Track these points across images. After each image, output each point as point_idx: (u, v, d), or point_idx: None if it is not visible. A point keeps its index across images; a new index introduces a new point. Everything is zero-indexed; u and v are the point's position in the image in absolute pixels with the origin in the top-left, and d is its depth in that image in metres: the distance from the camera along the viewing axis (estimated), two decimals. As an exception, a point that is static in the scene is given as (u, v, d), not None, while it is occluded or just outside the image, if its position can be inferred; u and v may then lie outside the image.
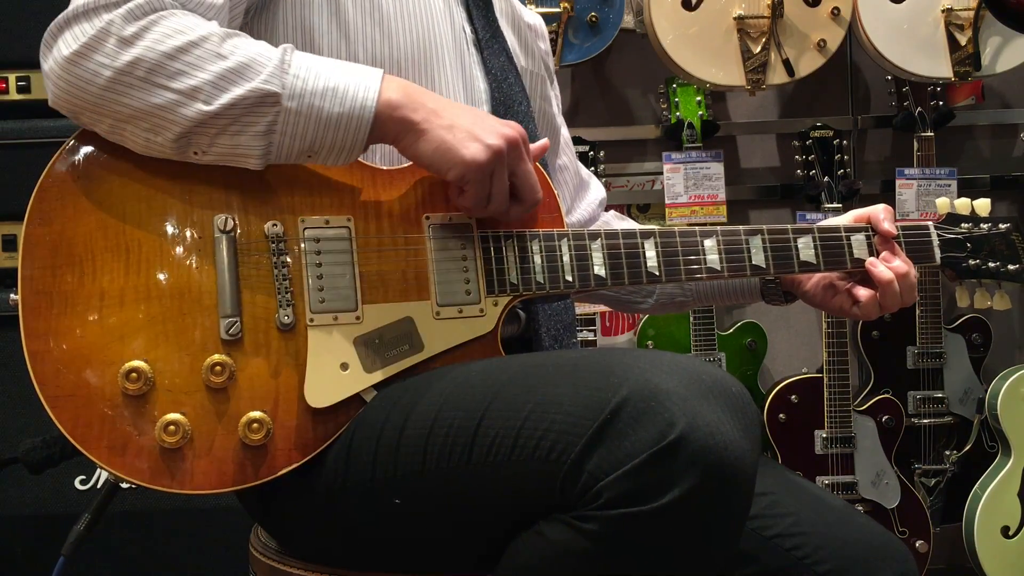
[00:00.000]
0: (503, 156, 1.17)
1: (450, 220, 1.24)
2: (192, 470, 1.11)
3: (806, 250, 1.35)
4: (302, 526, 1.22)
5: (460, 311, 1.22)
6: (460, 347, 1.21)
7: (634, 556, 0.97)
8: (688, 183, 2.83)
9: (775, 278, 1.47)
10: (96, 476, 2.22)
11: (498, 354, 1.23)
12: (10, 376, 2.20)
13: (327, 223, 1.19)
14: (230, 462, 1.12)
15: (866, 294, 1.37)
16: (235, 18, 1.22)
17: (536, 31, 1.62)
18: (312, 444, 1.15)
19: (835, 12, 2.67)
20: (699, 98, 2.86)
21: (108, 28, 1.09)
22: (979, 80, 2.91)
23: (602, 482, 0.96)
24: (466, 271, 1.23)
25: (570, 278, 1.26)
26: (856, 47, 2.97)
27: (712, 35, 2.66)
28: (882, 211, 1.39)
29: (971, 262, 1.44)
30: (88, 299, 1.11)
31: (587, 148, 2.84)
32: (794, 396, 2.77)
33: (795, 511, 1.26)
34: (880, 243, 1.38)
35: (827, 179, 2.80)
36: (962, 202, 1.47)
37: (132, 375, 1.09)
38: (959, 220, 1.46)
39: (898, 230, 1.39)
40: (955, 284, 1.50)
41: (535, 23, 1.63)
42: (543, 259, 1.25)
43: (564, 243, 1.26)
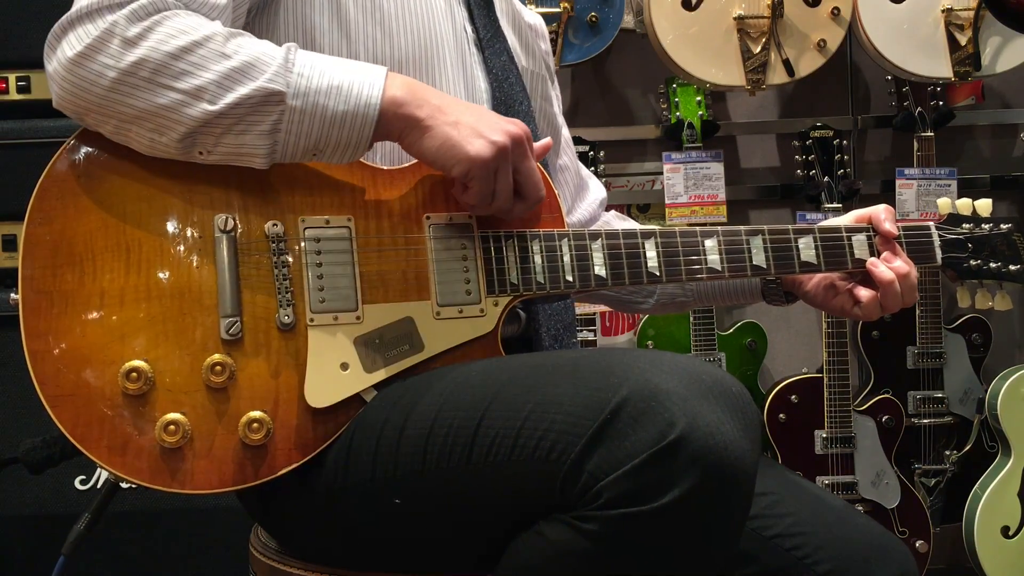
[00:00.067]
0: (507, 153, 1.17)
1: (451, 220, 1.23)
2: (192, 470, 1.11)
3: (807, 250, 1.35)
4: (302, 526, 1.22)
5: (460, 311, 1.22)
6: (460, 347, 1.21)
7: (634, 556, 0.97)
8: (688, 183, 2.83)
9: (776, 278, 1.47)
10: (96, 476, 2.22)
11: (498, 354, 1.23)
12: (10, 376, 2.20)
13: (327, 223, 1.19)
14: (230, 462, 1.12)
15: (867, 294, 1.37)
16: (238, 18, 1.22)
17: (537, 31, 1.62)
18: (312, 444, 1.15)
19: (835, 12, 2.67)
20: (699, 98, 2.85)
21: (112, 29, 1.09)
22: (979, 80, 2.91)
23: (602, 482, 0.96)
24: (466, 271, 1.23)
25: (570, 278, 1.26)
26: (856, 47, 2.97)
27: (712, 35, 2.65)
28: (883, 211, 1.39)
29: (972, 262, 1.44)
30: (88, 299, 1.11)
31: (587, 148, 2.83)
32: (794, 396, 2.76)
33: (795, 511, 1.26)
34: (881, 243, 1.38)
35: (827, 179, 2.80)
36: (963, 202, 1.47)
37: (132, 375, 1.09)
38: (960, 220, 1.46)
39: (899, 230, 1.39)
40: (956, 284, 1.50)
41: (536, 23, 1.63)
42: (543, 259, 1.25)
43: (565, 243, 1.26)
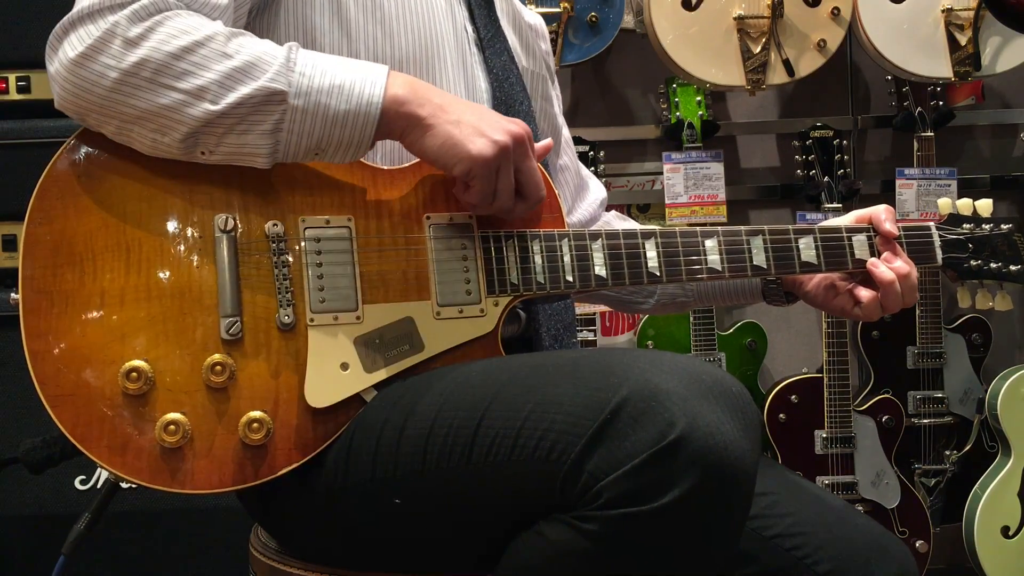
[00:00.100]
0: (509, 152, 1.17)
1: (451, 220, 1.23)
2: (192, 470, 1.11)
3: (807, 251, 1.35)
4: (302, 526, 1.22)
5: (461, 311, 1.22)
6: (460, 347, 1.21)
7: (634, 556, 0.97)
8: (688, 183, 2.83)
9: (776, 279, 1.47)
10: (96, 476, 2.22)
11: (498, 354, 1.23)
12: (10, 376, 2.20)
13: (328, 223, 1.19)
14: (230, 462, 1.12)
15: (867, 295, 1.37)
16: (239, 18, 1.22)
17: (537, 31, 1.62)
18: (312, 444, 1.15)
19: (835, 12, 2.67)
20: (699, 98, 2.85)
21: (113, 30, 1.09)
22: (979, 80, 2.91)
23: (602, 482, 0.96)
24: (467, 271, 1.23)
25: (571, 278, 1.26)
26: (856, 47, 2.97)
27: (712, 35, 2.65)
28: (883, 212, 1.38)
29: (973, 263, 1.44)
30: (89, 298, 1.11)
31: (587, 148, 2.83)
32: (794, 396, 2.76)
33: (795, 511, 1.26)
34: (881, 244, 1.38)
35: (827, 179, 2.80)
36: (964, 203, 1.47)
37: (132, 374, 1.09)
38: (961, 221, 1.46)
39: (900, 231, 1.39)
40: (957, 285, 1.49)
41: (536, 23, 1.63)
42: (544, 259, 1.25)
43: (565, 243, 1.26)
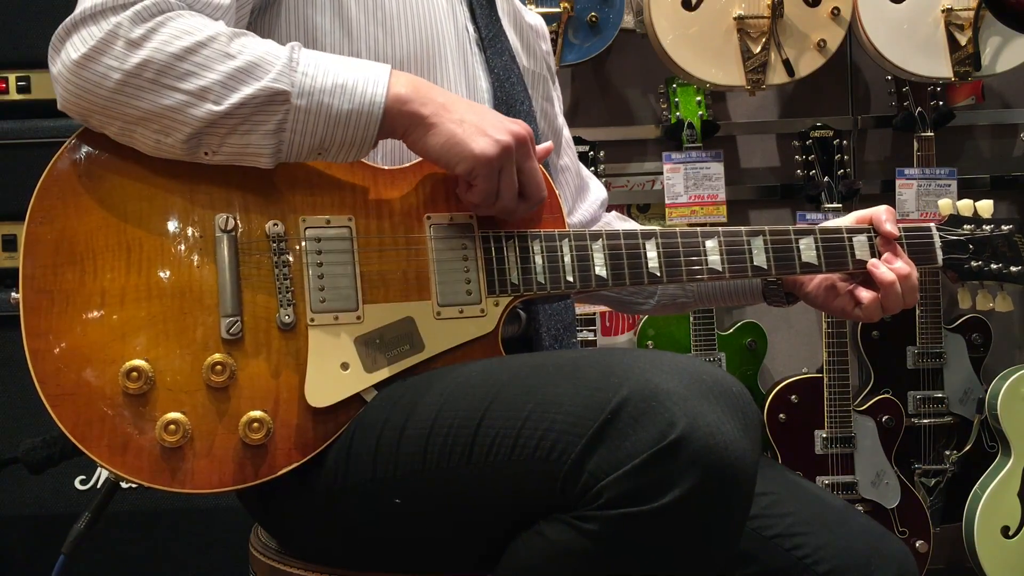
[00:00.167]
0: (512, 152, 1.17)
1: (451, 220, 1.23)
2: (192, 469, 1.11)
3: (808, 251, 1.35)
4: (302, 526, 1.22)
5: (461, 311, 1.22)
6: (461, 347, 1.21)
7: (634, 556, 0.97)
8: (688, 183, 2.83)
9: (777, 279, 1.47)
10: (96, 476, 2.22)
11: (499, 354, 1.23)
12: (10, 376, 2.20)
13: (328, 223, 1.19)
14: (230, 461, 1.12)
15: (868, 296, 1.36)
16: (241, 18, 1.22)
17: (538, 31, 1.62)
18: (312, 444, 1.15)
19: (835, 12, 2.67)
20: (699, 98, 2.85)
21: (116, 31, 1.09)
22: (979, 80, 2.91)
23: (602, 482, 0.96)
24: (467, 271, 1.23)
25: (571, 278, 1.26)
26: (856, 47, 2.97)
27: (712, 35, 2.65)
28: (884, 212, 1.38)
29: (973, 264, 1.44)
30: (89, 298, 1.11)
31: (587, 148, 2.83)
32: (794, 396, 2.76)
33: (795, 511, 1.26)
34: (882, 244, 1.38)
35: (827, 179, 2.80)
36: (965, 203, 1.47)
37: (133, 374, 1.09)
38: (961, 222, 1.46)
39: (900, 231, 1.39)
40: (957, 286, 1.49)
41: (536, 23, 1.63)
42: (544, 259, 1.25)
43: (565, 243, 1.26)
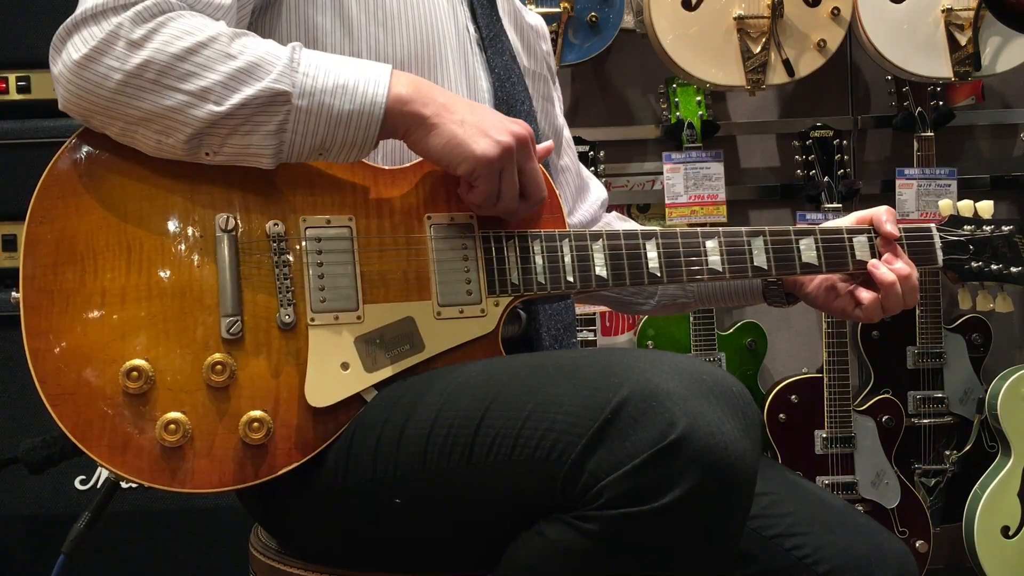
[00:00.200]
0: (513, 153, 1.17)
1: (452, 220, 1.23)
2: (192, 469, 1.11)
3: (808, 252, 1.35)
4: (302, 526, 1.22)
5: (461, 311, 1.22)
6: (461, 347, 1.21)
7: (634, 556, 0.97)
8: (688, 183, 2.83)
9: (777, 280, 1.47)
10: (96, 476, 2.22)
11: (499, 354, 1.23)
12: (10, 376, 2.20)
13: (328, 222, 1.19)
14: (230, 461, 1.12)
15: (868, 296, 1.36)
16: (243, 18, 1.22)
17: (538, 32, 1.62)
18: (312, 443, 1.15)
19: (835, 12, 2.67)
20: (699, 98, 2.85)
21: (117, 31, 1.09)
22: (979, 80, 2.90)
23: (603, 482, 0.96)
24: (467, 271, 1.23)
25: (571, 279, 1.26)
26: (856, 47, 2.97)
27: (712, 35, 2.65)
28: (884, 213, 1.38)
29: (973, 264, 1.44)
30: (89, 297, 1.11)
31: (587, 148, 2.83)
32: (794, 396, 2.76)
33: (795, 511, 1.26)
34: (882, 245, 1.38)
35: (827, 179, 2.80)
36: (965, 204, 1.47)
37: (133, 374, 1.09)
38: (962, 222, 1.46)
39: (900, 232, 1.39)
40: (958, 286, 1.49)
41: (537, 23, 1.63)
42: (544, 259, 1.25)
43: (566, 243, 1.26)
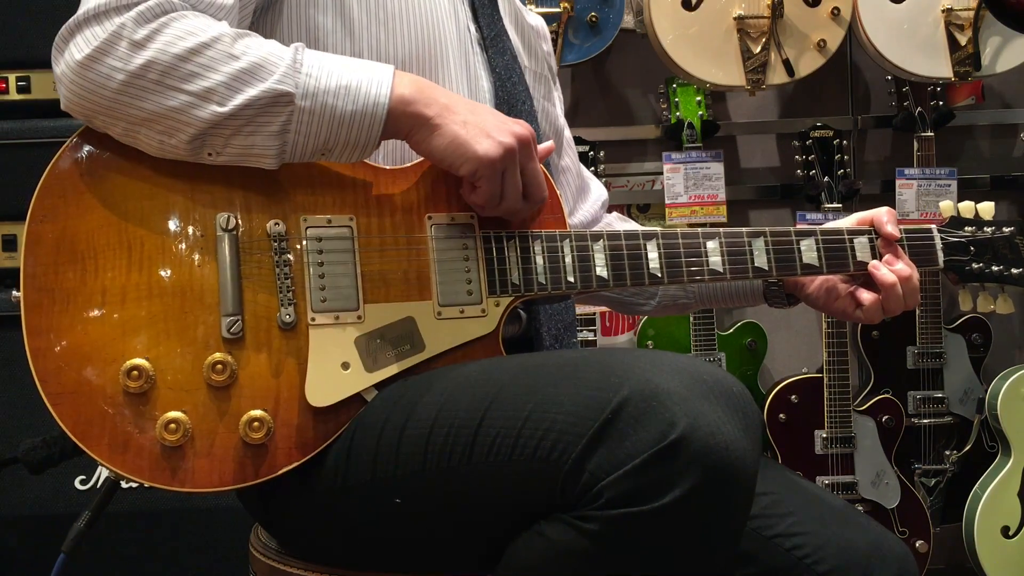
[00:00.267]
0: (515, 154, 1.17)
1: (452, 220, 1.23)
2: (193, 468, 1.11)
3: (809, 252, 1.35)
4: (302, 526, 1.22)
5: (462, 311, 1.22)
6: (462, 347, 1.21)
7: (635, 556, 0.97)
8: (688, 183, 2.83)
9: (778, 281, 1.47)
10: (96, 476, 2.22)
11: (499, 354, 1.23)
12: (10, 376, 2.20)
13: (329, 222, 1.19)
14: (230, 461, 1.12)
15: (869, 297, 1.36)
16: (244, 18, 1.22)
17: (539, 32, 1.62)
18: (313, 443, 1.15)
19: (835, 12, 2.67)
20: (699, 98, 2.85)
21: (120, 31, 1.09)
22: (979, 80, 2.90)
23: (603, 482, 0.96)
24: (468, 271, 1.23)
25: (572, 279, 1.26)
26: (856, 47, 2.97)
27: (712, 35, 2.65)
28: (885, 214, 1.38)
29: (974, 265, 1.44)
30: (90, 296, 1.11)
31: (587, 148, 2.83)
32: (794, 396, 2.76)
33: (795, 511, 1.26)
34: (883, 246, 1.38)
35: (827, 179, 2.80)
36: (966, 205, 1.47)
37: (133, 373, 1.09)
38: (962, 223, 1.46)
39: (901, 233, 1.39)
40: (958, 287, 1.49)
41: (537, 24, 1.63)
42: (545, 260, 1.25)
43: (566, 244, 1.26)
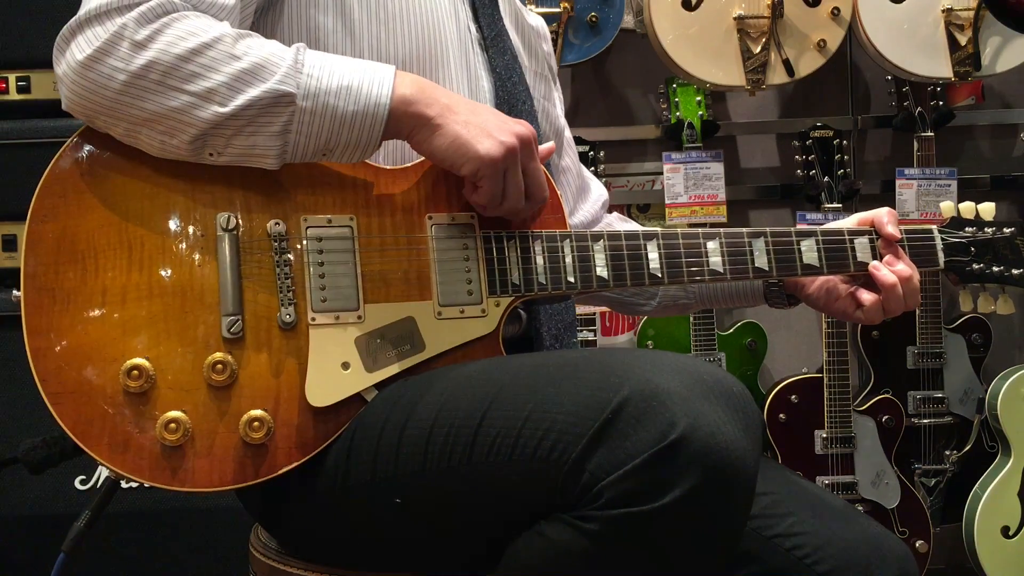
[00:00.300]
0: (516, 153, 1.17)
1: (453, 220, 1.23)
2: (193, 468, 1.11)
3: (809, 253, 1.35)
4: (302, 525, 1.22)
5: (462, 311, 1.22)
6: (462, 347, 1.21)
7: (635, 556, 0.97)
8: (688, 183, 2.83)
9: (778, 281, 1.47)
10: (96, 476, 2.22)
11: (499, 354, 1.23)
12: (10, 376, 2.20)
13: (329, 222, 1.19)
14: (230, 460, 1.12)
15: (869, 298, 1.36)
16: (246, 18, 1.22)
17: (539, 32, 1.62)
18: (313, 443, 1.15)
19: (835, 12, 2.67)
20: (699, 98, 2.85)
21: (121, 32, 1.09)
22: (979, 80, 2.90)
23: (603, 482, 0.96)
24: (468, 271, 1.23)
25: (572, 279, 1.25)
26: (856, 47, 2.97)
27: (712, 35, 2.65)
28: (886, 214, 1.38)
29: (975, 266, 1.44)
30: (90, 296, 1.11)
31: (587, 148, 2.83)
32: (794, 396, 2.76)
33: (795, 511, 1.26)
34: (884, 247, 1.38)
35: (827, 179, 2.80)
36: (967, 206, 1.47)
37: (134, 372, 1.10)
38: (963, 224, 1.46)
39: (902, 234, 1.39)
40: (959, 288, 1.49)
41: (537, 24, 1.63)
42: (545, 260, 1.25)
43: (567, 244, 1.26)
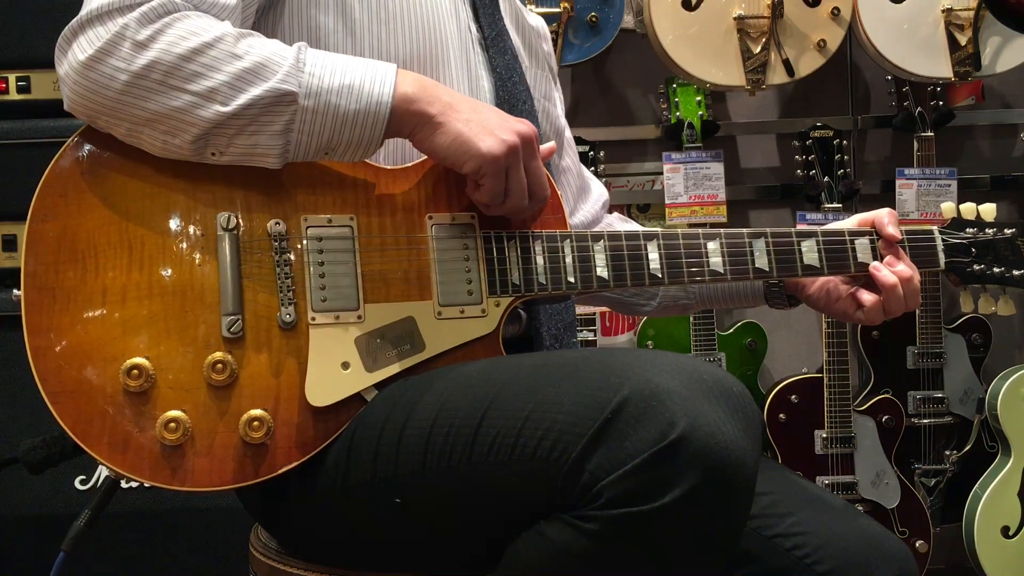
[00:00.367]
0: (518, 151, 1.18)
1: (453, 220, 1.23)
2: (192, 468, 1.11)
3: (810, 253, 1.35)
4: (302, 525, 1.22)
5: (462, 311, 1.22)
6: (462, 347, 1.21)
7: (635, 556, 0.97)
8: (688, 183, 2.83)
9: (779, 282, 1.47)
10: (96, 475, 2.22)
11: (499, 354, 1.23)
12: (10, 376, 2.20)
13: (330, 222, 1.19)
14: (230, 460, 1.12)
15: (870, 299, 1.36)
16: (247, 18, 1.22)
17: (539, 32, 1.63)
18: (313, 443, 1.15)
19: (835, 12, 2.67)
20: (699, 98, 2.85)
21: (123, 32, 1.09)
22: (979, 80, 2.90)
23: (603, 482, 0.96)
24: (468, 271, 1.23)
25: (572, 279, 1.26)
26: (856, 47, 2.97)
27: (712, 35, 2.65)
28: (886, 215, 1.38)
29: (975, 267, 1.44)
30: (90, 295, 1.11)
31: (587, 148, 2.83)
32: (794, 396, 2.76)
33: (795, 511, 1.26)
34: (884, 247, 1.38)
35: (827, 179, 2.80)
36: (967, 207, 1.47)
37: (134, 372, 1.10)
38: (964, 225, 1.46)
39: (902, 234, 1.39)
40: (959, 289, 1.49)
41: (538, 24, 1.63)
42: (546, 260, 1.25)
43: (567, 244, 1.26)
